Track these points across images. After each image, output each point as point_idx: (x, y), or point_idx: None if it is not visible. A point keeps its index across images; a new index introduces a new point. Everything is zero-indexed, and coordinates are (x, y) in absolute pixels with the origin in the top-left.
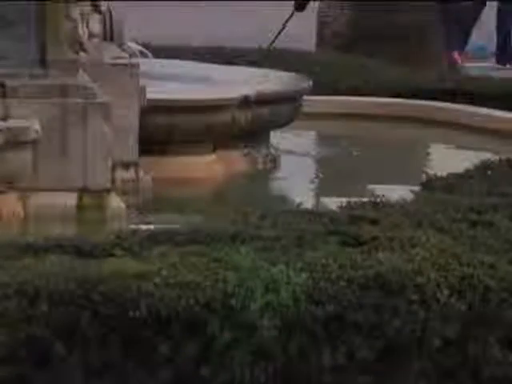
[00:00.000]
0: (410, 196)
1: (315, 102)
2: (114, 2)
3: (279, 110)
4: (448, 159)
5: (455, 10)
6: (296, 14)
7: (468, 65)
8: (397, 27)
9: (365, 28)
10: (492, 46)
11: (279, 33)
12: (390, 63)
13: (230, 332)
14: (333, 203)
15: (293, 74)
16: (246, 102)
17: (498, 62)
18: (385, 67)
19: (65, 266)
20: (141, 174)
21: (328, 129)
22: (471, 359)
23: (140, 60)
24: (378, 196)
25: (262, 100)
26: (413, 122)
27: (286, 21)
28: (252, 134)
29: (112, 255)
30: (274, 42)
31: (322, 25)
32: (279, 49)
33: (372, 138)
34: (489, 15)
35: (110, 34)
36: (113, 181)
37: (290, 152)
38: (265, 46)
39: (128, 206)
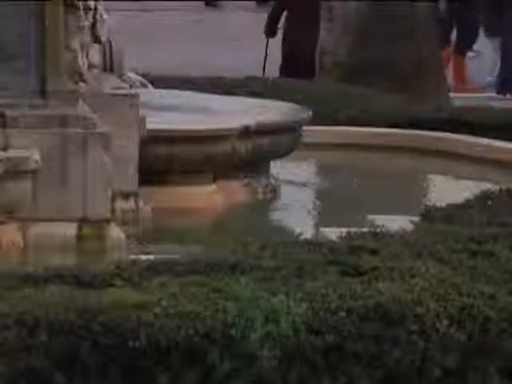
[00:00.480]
0: (409, 226)
1: (315, 132)
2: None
3: (279, 140)
4: (447, 189)
5: (462, 9)
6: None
7: (469, 95)
8: (396, 59)
9: (364, 58)
10: (492, 77)
11: (265, 61)
12: (389, 93)
13: (229, 362)
14: (332, 233)
15: (292, 104)
16: (245, 133)
17: (498, 92)
18: (384, 97)
19: (65, 296)
20: (141, 204)
21: (327, 159)
22: None
23: (140, 90)
24: (378, 226)
25: (261, 130)
26: (412, 152)
27: (266, 49)
28: (252, 164)
29: (112, 285)
30: (265, 70)
31: (322, 53)
32: (279, 79)
33: (371, 168)
34: (487, 47)
35: (109, 65)
36: (112, 211)
37: (289, 182)
38: (263, 76)
39: (128, 236)
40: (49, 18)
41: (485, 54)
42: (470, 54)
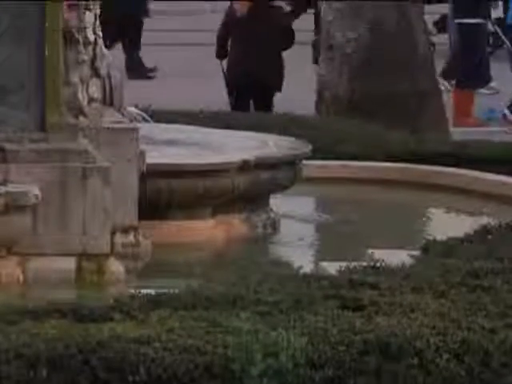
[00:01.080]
0: (409, 260)
1: (315, 167)
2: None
3: (279, 174)
4: (447, 223)
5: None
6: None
7: (479, 129)
8: (396, 94)
9: (364, 94)
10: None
11: (226, 82)
12: (389, 127)
13: None
14: (332, 267)
15: (292, 138)
16: (245, 167)
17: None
18: (384, 131)
19: (64, 330)
20: (140, 238)
21: (327, 193)
22: None
23: (139, 124)
24: (378, 260)
25: (261, 165)
26: (412, 186)
27: (222, 71)
28: (252, 199)
29: (111, 319)
30: (231, 95)
31: (321, 89)
32: (279, 113)
33: (371, 202)
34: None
35: (109, 99)
36: (112, 245)
37: (289, 216)
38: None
39: (127, 270)
40: (48, 52)
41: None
42: (483, 91)
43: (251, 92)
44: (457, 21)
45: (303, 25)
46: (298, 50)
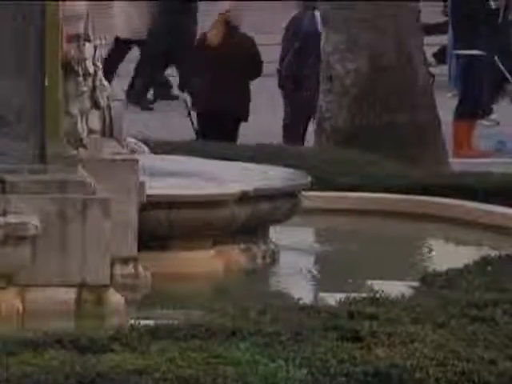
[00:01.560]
0: (408, 291)
1: (314, 198)
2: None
3: (278, 205)
4: (447, 254)
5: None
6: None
7: (478, 160)
8: (396, 125)
9: (364, 125)
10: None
11: (191, 121)
12: (389, 158)
13: None
14: (332, 298)
15: (292, 169)
16: (245, 198)
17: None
18: (383, 163)
19: (64, 361)
20: (140, 269)
21: (327, 224)
22: None
23: (139, 155)
24: (377, 291)
25: (261, 196)
26: (412, 217)
27: (189, 112)
28: (251, 230)
29: (111, 350)
30: (196, 133)
31: (321, 120)
32: (278, 145)
33: (371, 234)
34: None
35: (109, 130)
36: (112, 276)
37: (289, 247)
38: (263, 142)
39: (127, 302)
40: (48, 83)
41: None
42: (484, 122)
43: (218, 121)
44: (456, 52)
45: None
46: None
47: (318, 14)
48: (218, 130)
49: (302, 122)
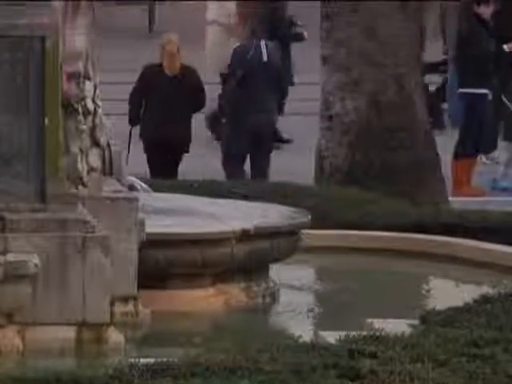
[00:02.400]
0: (408, 330)
1: (314, 236)
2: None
3: (278, 243)
4: (447, 293)
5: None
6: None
7: (477, 199)
8: (396, 164)
9: (364, 163)
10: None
11: (128, 150)
12: (389, 197)
13: None
14: (332, 337)
15: (292, 207)
16: (245, 236)
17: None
18: (383, 201)
19: None
20: (140, 307)
21: (327, 262)
22: None
23: (139, 194)
24: (377, 330)
25: (261, 234)
26: (412, 255)
27: (129, 142)
28: (251, 268)
29: None
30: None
31: (321, 159)
32: (279, 183)
33: (371, 272)
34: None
35: (109, 168)
36: (112, 314)
37: (289, 285)
38: (262, 180)
39: (127, 340)
40: (48, 122)
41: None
42: (484, 160)
43: (163, 153)
44: (460, 90)
45: None
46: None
47: (263, 43)
48: (161, 161)
49: (242, 150)
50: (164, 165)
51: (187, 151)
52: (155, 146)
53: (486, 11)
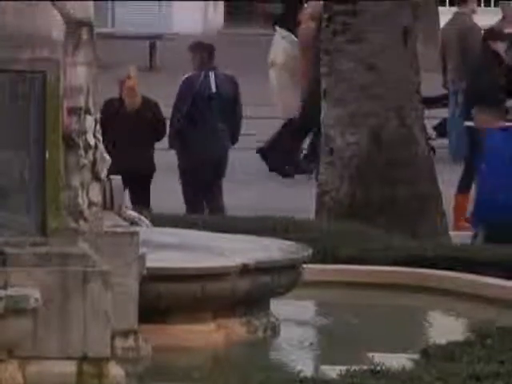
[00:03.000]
0: (409, 364)
1: (315, 271)
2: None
3: (279, 278)
4: (447, 327)
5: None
6: None
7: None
8: (397, 198)
9: (365, 198)
10: None
11: None
12: (389, 231)
13: None
14: (333, 371)
15: (292, 242)
16: (245, 271)
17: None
18: (384, 235)
19: None
20: (141, 342)
21: (328, 297)
22: None
23: (139, 228)
24: (378, 364)
25: (261, 268)
26: (412, 289)
27: None
28: (252, 302)
29: None
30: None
31: (322, 193)
32: (279, 217)
33: (371, 306)
34: None
35: (109, 203)
36: (113, 349)
37: (290, 320)
38: (263, 215)
39: (128, 374)
40: (49, 156)
41: None
42: None
43: (128, 185)
44: (467, 123)
45: None
46: None
47: (212, 74)
48: (131, 192)
49: (197, 179)
50: (134, 195)
51: (151, 177)
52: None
53: (501, 47)
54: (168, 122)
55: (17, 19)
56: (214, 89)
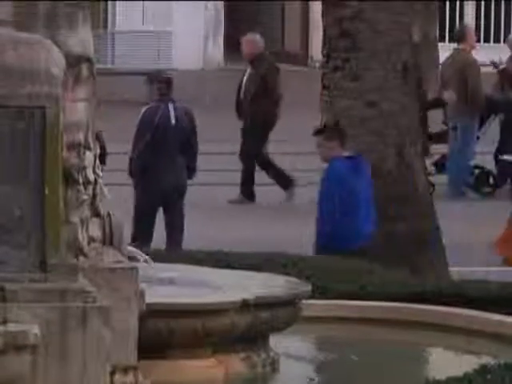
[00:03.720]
0: None
1: (314, 306)
2: (114, 207)
3: (278, 314)
4: (447, 363)
5: None
6: None
7: (477, 269)
8: (396, 234)
9: None
10: None
11: None
12: (388, 267)
13: None
14: None
15: (292, 278)
16: (245, 306)
17: None
18: (383, 271)
19: None
20: (140, 378)
21: (327, 332)
22: None
23: (139, 264)
24: None
25: (261, 304)
26: (412, 325)
27: None
28: (251, 338)
29: None
30: None
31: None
32: (278, 252)
33: (371, 341)
34: None
35: (109, 238)
36: None
37: (289, 355)
38: (263, 250)
39: None
40: (49, 191)
41: None
42: None
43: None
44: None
45: None
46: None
47: (171, 105)
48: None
49: (152, 212)
50: None
51: None
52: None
53: None
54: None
55: (16, 54)
56: (173, 121)
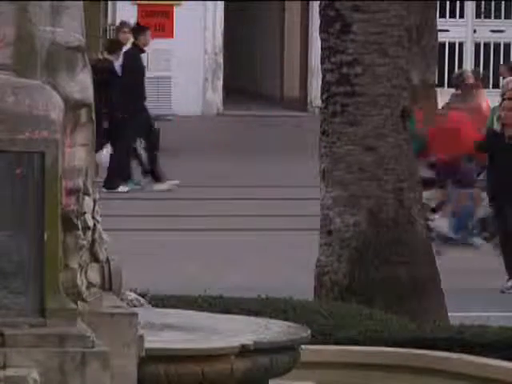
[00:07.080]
0: None
1: (314, 352)
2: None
3: (278, 359)
4: None
5: None
6: None
7: (477, 314)
8: (395, 279)
9: (363, 279)
10: None
11: None
12: (388, 312)
13: None
14: None
15: (291, 323)
16: (244, 352)
17: None
18: (383, 317)
19: None
20: None
21: (327, 378)
22: None
23: (138, 309)
24: None
25: (260, 349)
26: (411, 371)
27: None
28: (251, 383)
29: None
30: None
31: (320, 274)
32: (279, 298)
33: None
34: None
35: (108, 284)
36: None
37: None
38: (263, 295)
39: None
40: (47, 237)
41: None
42: None
43: None
44: None
45: None
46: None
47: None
48: None
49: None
50: None
51: None
52: None
53: None
54: None
55: (15, 99)
56: None
